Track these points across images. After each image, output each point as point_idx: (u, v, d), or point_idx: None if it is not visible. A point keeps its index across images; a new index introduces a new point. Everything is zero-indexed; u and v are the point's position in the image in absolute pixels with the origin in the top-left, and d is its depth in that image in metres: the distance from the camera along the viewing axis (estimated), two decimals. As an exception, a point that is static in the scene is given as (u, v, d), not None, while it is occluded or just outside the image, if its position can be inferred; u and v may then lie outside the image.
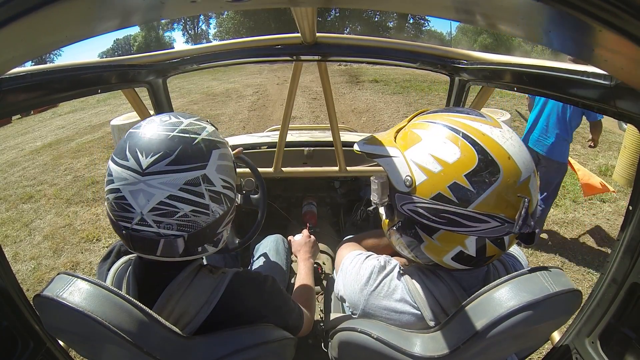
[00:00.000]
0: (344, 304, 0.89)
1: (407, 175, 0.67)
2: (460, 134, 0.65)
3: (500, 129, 0.66)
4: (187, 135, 0.68)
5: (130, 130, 0.70)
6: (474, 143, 0.63)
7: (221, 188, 0.70)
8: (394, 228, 0.76)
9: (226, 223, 0.76)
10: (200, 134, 0.70)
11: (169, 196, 0.63)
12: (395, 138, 0.75)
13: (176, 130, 0.68)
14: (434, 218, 0.65)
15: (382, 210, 0.80)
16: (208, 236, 0.72)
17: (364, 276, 0.81)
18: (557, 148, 2.63)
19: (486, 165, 0.61)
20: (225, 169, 0.72)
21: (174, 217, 0.64)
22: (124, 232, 0.66)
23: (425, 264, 0.75)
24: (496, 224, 0.62)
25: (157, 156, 0.63)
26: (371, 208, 0.82)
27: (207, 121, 0.78)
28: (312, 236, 1.42)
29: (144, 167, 0.63)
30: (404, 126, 0.76)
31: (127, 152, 0.64)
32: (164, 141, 0.65)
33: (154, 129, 0.67)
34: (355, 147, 0.81)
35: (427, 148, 0.66)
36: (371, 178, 0.76)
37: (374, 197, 0.76)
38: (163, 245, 0.66)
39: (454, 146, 0.64)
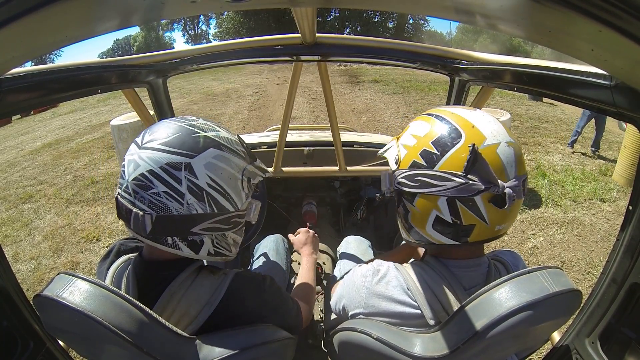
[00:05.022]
0: (343, 313, 0.91)
1: (396, 155, 0.81)
2: (434, 115, 0.78)
3: (473, 111, 0.76)
4: (192, 128, 0.72)
5: None
6: (441, 119, 0.76)
7: (205, 185, 0.69)
8: (399, 215, 0.84)
9: (208, 228, 0.71)
10: (205, 132, 0.72)
11: (149, 171, 0.66)
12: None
13: (186, 123, 0.72)
14: (410, 183, 0.75)
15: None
16: (179, 228, 0.69)
17: (359, 280, 0.84)
18: None
19: (449, 133, 0.72)
20: (220, 170, 0.70)
21: (148, 192, 0.67)
22: (116, 197, 0.72)
23: (423, 244, 0.82)
24: (460, 181, 0.69)
25: (155, 135, 0.70)
26: (379, 195, 0.88)
27: (235, 136, 0.78)
28: (311, 230, 1.43)
29: (143, 142, 0.70)
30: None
31: (142, 132, 0.72)
32: (169, 127, 0.71)
33: (173, 121, 0.74)
34: (378, 154, 0.95)
35: (410, 130, 0.81)
36: (381, 173, 0.85)
37: (383, 187, 0.84)
38: (134, 217, 0.68)
39: (427, 124, 0.77)
